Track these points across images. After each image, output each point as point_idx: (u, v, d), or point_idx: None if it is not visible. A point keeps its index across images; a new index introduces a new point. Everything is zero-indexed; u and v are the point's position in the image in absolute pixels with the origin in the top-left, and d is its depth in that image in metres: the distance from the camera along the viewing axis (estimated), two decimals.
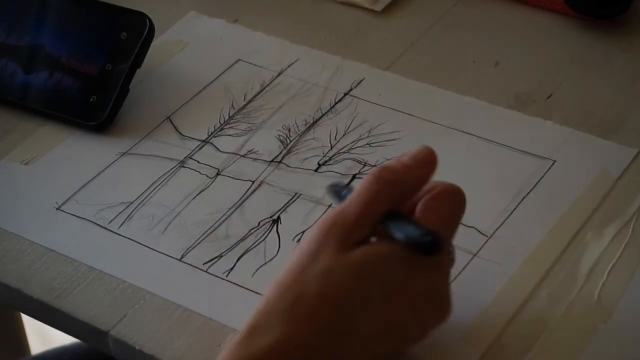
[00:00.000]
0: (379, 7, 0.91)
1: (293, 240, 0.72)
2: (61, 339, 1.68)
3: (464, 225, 0.71)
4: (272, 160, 0.78)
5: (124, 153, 0.80)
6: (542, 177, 0.75)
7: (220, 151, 0.79)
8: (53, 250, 0.73)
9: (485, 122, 0.80)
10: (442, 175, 0.76)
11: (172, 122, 0.82)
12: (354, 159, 0.77)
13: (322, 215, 0.73)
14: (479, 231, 0.71)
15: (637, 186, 0.75)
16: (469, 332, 0.65)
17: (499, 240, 0.70)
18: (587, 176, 0.75)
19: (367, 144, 0.79)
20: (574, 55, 0.86)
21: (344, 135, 0.79)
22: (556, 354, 0.64)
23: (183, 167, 0.78)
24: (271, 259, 0.71)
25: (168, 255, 0.72)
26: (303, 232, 0.72)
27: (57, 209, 0.76)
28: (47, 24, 0.84)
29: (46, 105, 0.83)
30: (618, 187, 0.74)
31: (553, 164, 0.76)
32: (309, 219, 0.73)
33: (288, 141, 0.80)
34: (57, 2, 0.85)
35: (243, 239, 0.72)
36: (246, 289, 0.69)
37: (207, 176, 0.77)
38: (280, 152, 0.78)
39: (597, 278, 0.68)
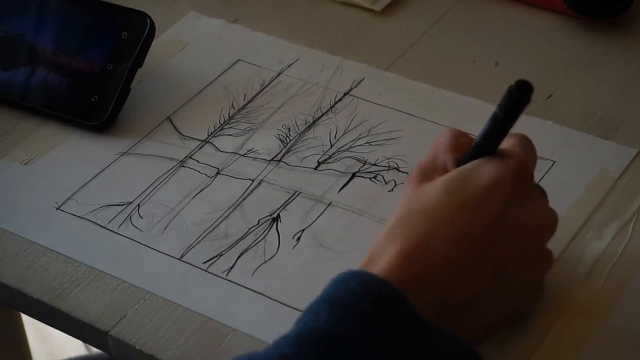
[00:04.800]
0: (379, 7, 0.91)
1: (292, 238, 0.72)
2: (61, 339, 1.68)
3: None
4: (272, 159, 0.78)
5: (124, 153, 0.80)
6: (542, 177, 0.75)
7: (220, 151, 0.79)
8: (53, 250, 0.73)
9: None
10: None
11: (172, 122, 0.82)
12: (353, 157, 0.77)
13: (321, 213, 0.73)
14: None
15: (637, 186, 0.75)
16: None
17: None
18: (587, 176, 0.75)
19: (366, 142, 0.79)
20: (574, 55, 0.86)
21: (343, 134, 0.80)
22: (557, 354, 0.64)
23: (183, 166, 0.78)
24: (271, 258, 0.71)
25: (168, 255, 0.72)
26: (303, 230, 0.72)
27: (57, 208, 0.76)
28: (47, 25, 0.84)
29: (47, 105, 0.83)
30: (618, 187, 0.74)
31: (553, 164, 0.76)
32: (308, 217, 0.73)
33: (288, 140, 0.80)
34: (57, 2, 0.85)
35: (243, 238, 0.72)
36: (246, 287, 0.69)
37: (207, 175, 0.77)
38: (280, 151, 0.79)
39: (597, 278, 0.68)
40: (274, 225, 0.73)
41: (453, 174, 0.64)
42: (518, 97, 0.61)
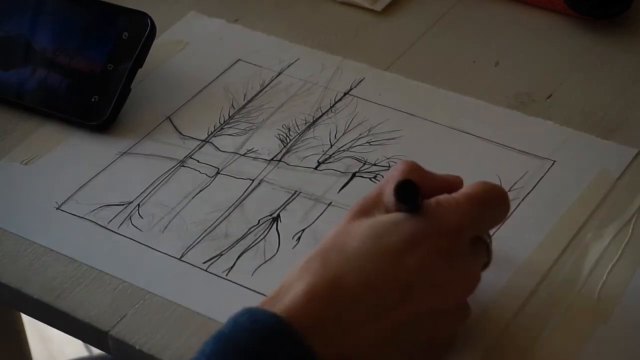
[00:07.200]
0: (379, 7, 0.91)
1: (292, 238, 0.72)
2: (61, 339, 1.68)
3: None
4: (272, 159, 0.78)
5: (124, 153, 0.80)
6: (542, 177, 0.75)
7: (220, 150, 0.79)
8: (53, 250, 0.73)
9: (485, 122, 0.80)
10: None
11: (172, 122, 0.82)
12: (353, 157, 0.77)
13: (321, 213, 0.73)
14: None
15: (637, 186, 0.75)
16: (468, 333, 0.65)
17: (499, 241, 0.70)
18: (587, 176, 0.75)
19: (367, 142, 0.79)
20: (574, 55, 0.86)
21: (343, 134, 0.80)
22: (556, 354, 0.64)
23: (183, 166, 0.78)
24: (271, 258, 0.71)
25: (168, 255, 0.72)
26: (303, 230, 0.72)
27: (57, 208, 0.76)
28: (48, 25, 0.84)
29: (47, 105, 0.83)
30: (618, 187, 0.74)
31: (553, 164, 0.76)
32: (308, 217, 0.73)
33: (288, 140, 0.80)
34: (57, 2, 0.85)
35: (243, 238, 0.72)
36: (246, 287, 0.69)
37: (207, 175, 0.77)
38: (280, 151, 0.79)
39: (597, 278, 0.68)
40: (274, 225, 0.73)
41: (383, 219, 0.61)
42: (399, 199, 0.61)
